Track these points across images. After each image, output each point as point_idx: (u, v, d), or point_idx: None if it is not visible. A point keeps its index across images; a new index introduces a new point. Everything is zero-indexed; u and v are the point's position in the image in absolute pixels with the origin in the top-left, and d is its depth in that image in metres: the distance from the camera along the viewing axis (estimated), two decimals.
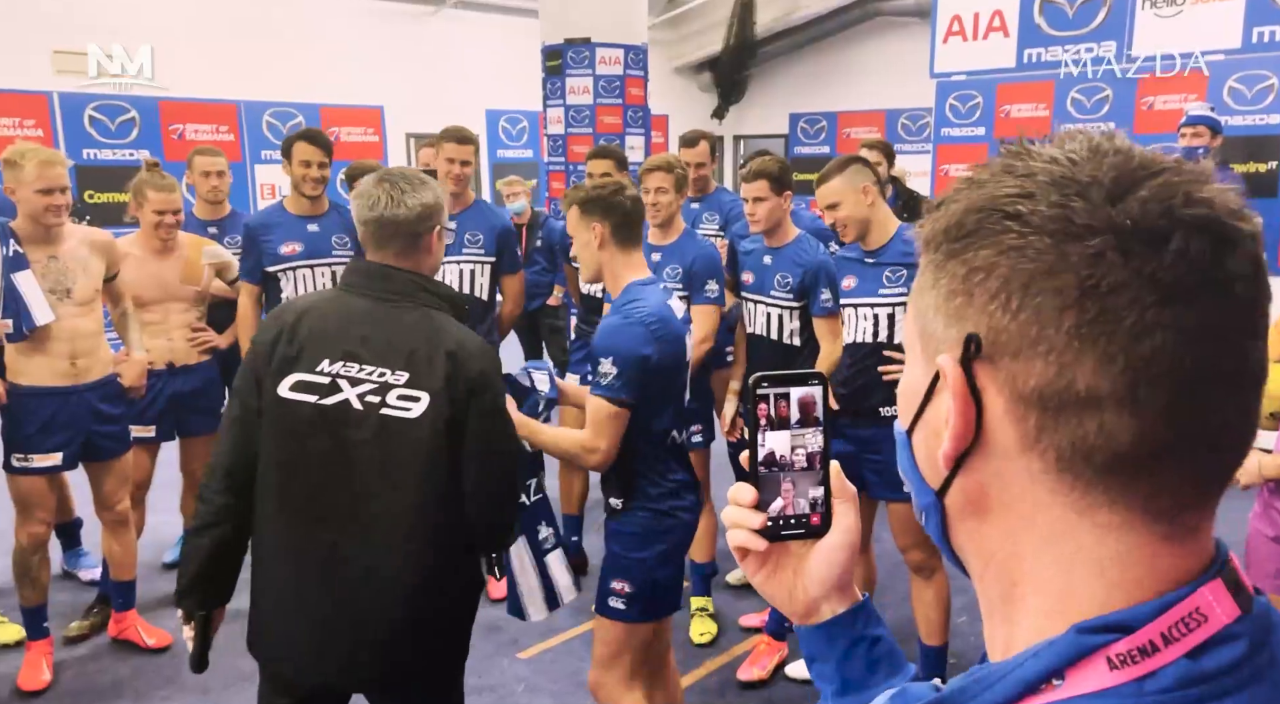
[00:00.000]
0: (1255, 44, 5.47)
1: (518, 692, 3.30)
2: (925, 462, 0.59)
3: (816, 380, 0.77)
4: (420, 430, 1.78)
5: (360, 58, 9.87)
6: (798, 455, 0.77)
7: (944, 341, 0.55)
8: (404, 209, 1.86)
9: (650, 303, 2.28)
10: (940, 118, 6.63)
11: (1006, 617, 0.56)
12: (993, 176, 0.54)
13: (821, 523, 0.78)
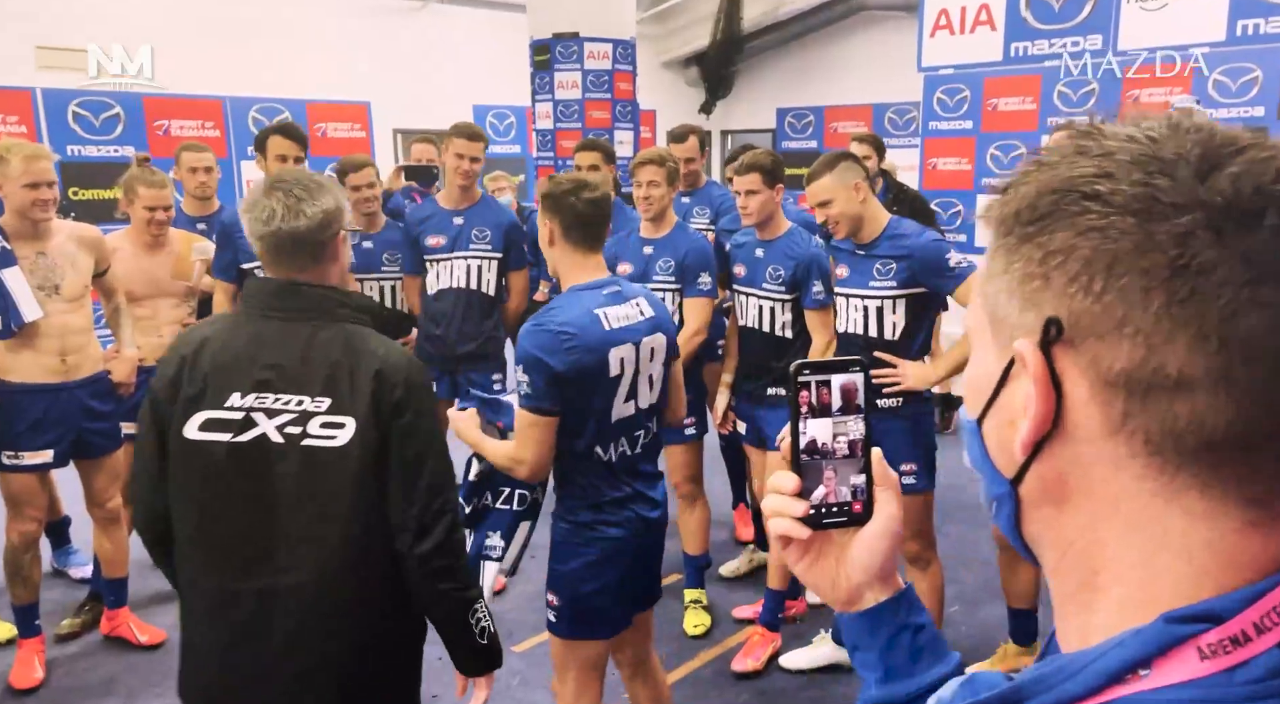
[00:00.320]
0: (1240, 37, 5.51)
1: (513, 685, 3.30)
2: (998, 450, 0.57)
3: (858, 367, 0.76)
4: (348, 459, 1.61)
5: (347, 53, 9.83)
6: (839, 443, 0.76)
7: (1019, 327, 0.53)
8: (304, 219, 1.68)
9: (570, 311, 2.19)
10: (928, 111, 6.65)
11: (1084, 605, 0.54)
12: (1064, 158, 0.52)
13: (864, 511, 0.77)
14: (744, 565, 4.13)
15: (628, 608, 2.38)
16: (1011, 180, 0.55)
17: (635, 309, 2.30)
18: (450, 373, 3.89)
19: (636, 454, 2.34)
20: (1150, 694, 0.48)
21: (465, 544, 1.71)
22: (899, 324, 2.94)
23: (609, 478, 2.29)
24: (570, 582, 2.31)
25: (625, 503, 2.30)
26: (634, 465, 2.34)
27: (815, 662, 3.35)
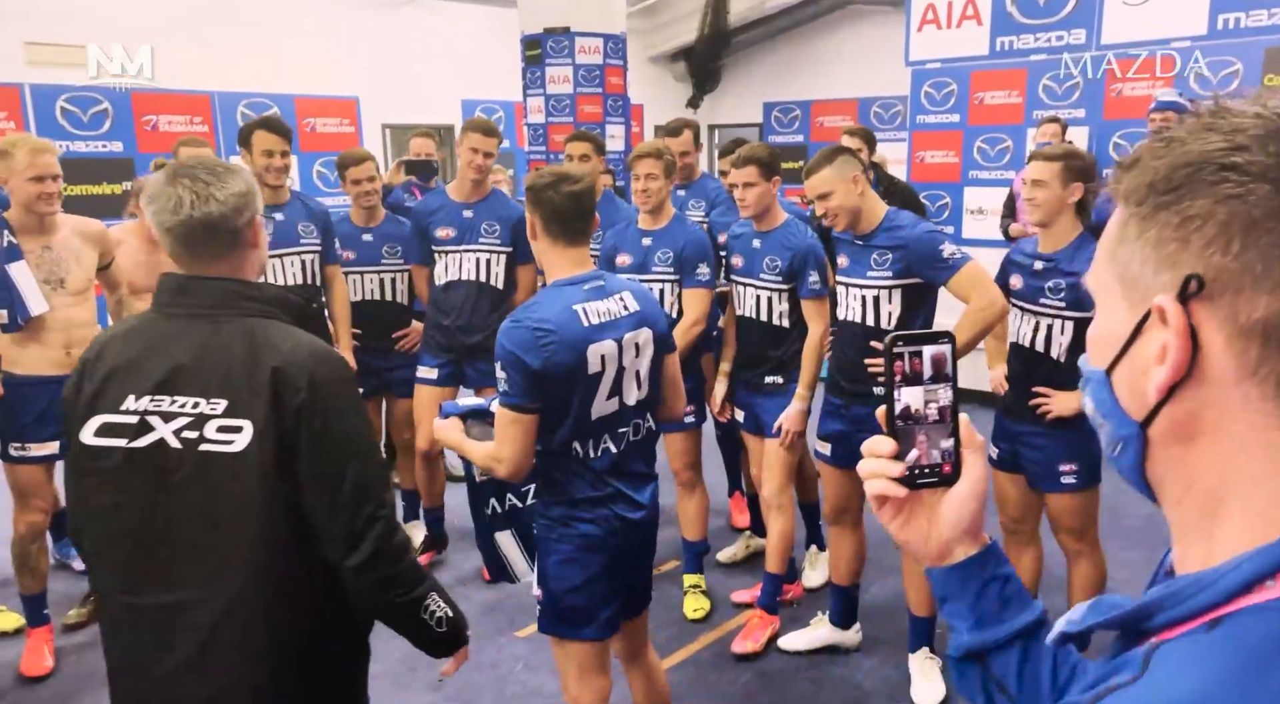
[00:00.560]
0: (1220, 30, 5.61)
1: (517, 669, 3.36)
2: (1130, 395, 0.64)
3: (946, 339, 0.83)
4: (247, 465, 1.49)
5: (335, 48, 9.82)
6: (930, 409, 0.83)
7: (1154, 286, 0.59)
8: (214, 205, 1.56)
9: (548, 308, 2.16)
10: (916, 105, 6.72)
11: (1207, 534, 0.60)
12: (1192, 135, 0.59)
13: (953, 472, 0.84)
14: (741, 551, 4.20)
15: (613, 611, 2.32)
16: (1138, 156, 0.62)
17: (619, 304, 2.26)
18: (458, 363, 3.94)
19: (623, 452, 2.28)
20: (1273, 602, 0.54)
21: (407, 547, 1.60)
22: (894, 313, 3.01)
23: (588, 476, 2.24)
24: (547, 578, 2.29)
25: (603, 502, 2.25)
26: (620, 465, 2.28)
27: (813, 643, 3.43)
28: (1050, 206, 2.87)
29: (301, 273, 3.75)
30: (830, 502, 3.32)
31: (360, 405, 1.64)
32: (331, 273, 3.90)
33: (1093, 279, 0.68)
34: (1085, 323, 3.07)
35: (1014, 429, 3.03)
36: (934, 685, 3.14)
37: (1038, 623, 0.87)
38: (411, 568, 1.61)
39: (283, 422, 1.49)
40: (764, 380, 3.42)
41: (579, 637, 2.29)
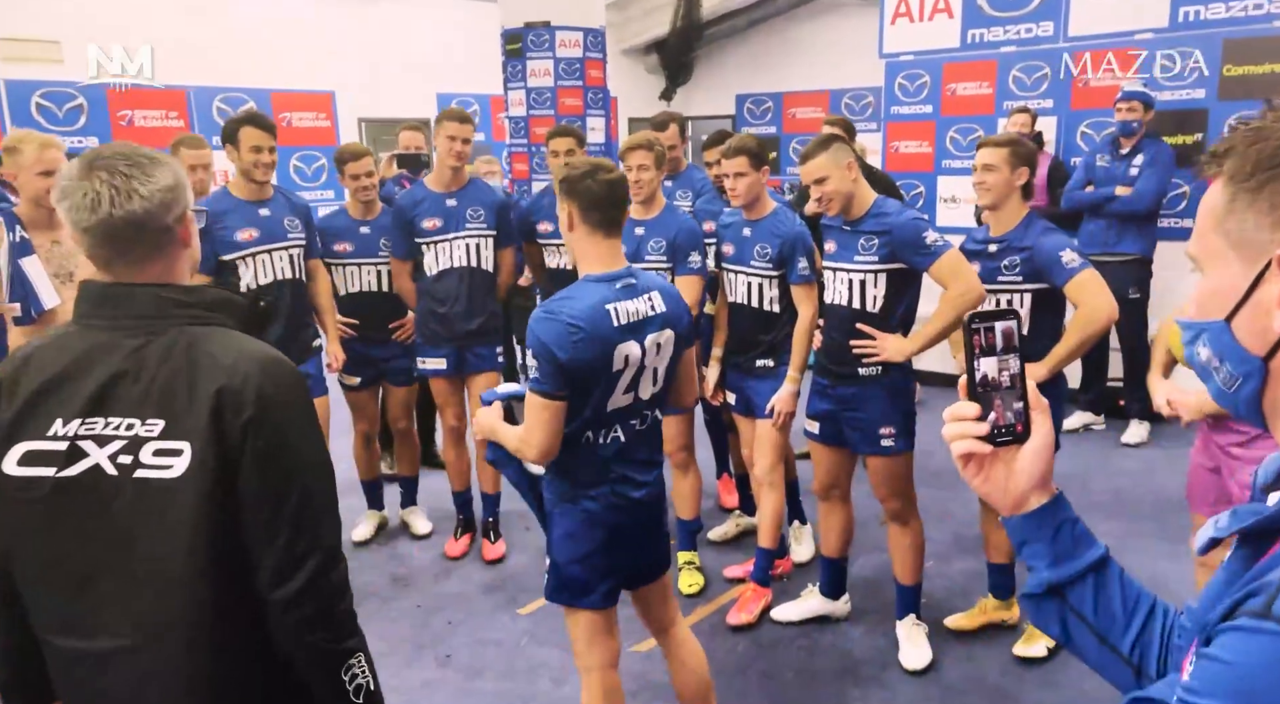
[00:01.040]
0: (1182, 23, 5.81)
1: (523, 643, 3.49)
2: (1251, 336, 0.77)
3: (1013, 315, 0.96)
4: (185, 492, 1.33)
5: (311, 42, 9.82)
6: (1003, 376, 0.95)
7: (1272, 242, 0.74)
8: (139, 201, 1.37)
9: (582, 303, 2.21)
10: (890, 97, 6.89)
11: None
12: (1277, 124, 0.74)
13: (1024, 430, 0.96)
14: (732, 529, 4.35)
15: (612, 585, 2.39)
16: (1232, 144, 0.77)
17: (647, 304, 2.30)
18: (458, 349, 4.04)
19: (631, 441, 2.35)
20: None
21: (346, 588, 1.44)
22: (879, 298, 3.15)
23: (594, 461, 2.31)
24: (554, 548, 2.39)
25: (606, 482, 2.32)
26: (626, 452, 2.35)
27: (804, 614, 3.59)
28: (1000, 190, 3.06)
29: (290, 267, 3.79)
30: (819, 478, 3.46)
31: (313, 417, 1.45)
32: (313, 266, 3.96)
33: (1198, 248, 0.81)
34: (1041, 293, 3.24)
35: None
36: (920, 650, 3.30)
37: (1105, 558, 1.00)
38: (346, 614, 1.44)
39: (225, 441, 1.33)
40: (755, 364, 3.56)
41: (579, 605, 2.39)
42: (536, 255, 4.36)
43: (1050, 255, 2.96)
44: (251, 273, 3.68)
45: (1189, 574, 3.54)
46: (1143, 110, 5.31)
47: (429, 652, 3.44)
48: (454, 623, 3.65)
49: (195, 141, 4.18)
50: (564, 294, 2.28)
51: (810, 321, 3.41)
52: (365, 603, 3.82)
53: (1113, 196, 5.32)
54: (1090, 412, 5.78)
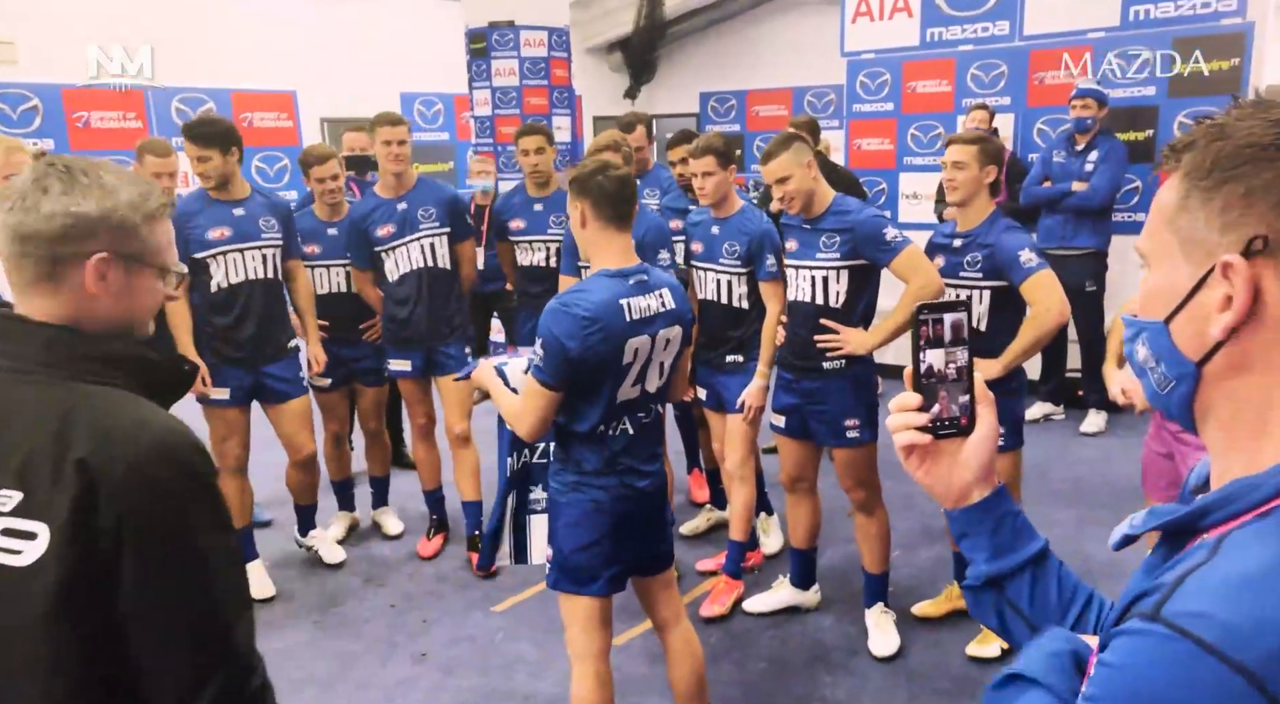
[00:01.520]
0: (1132, 21, 5.96)
1: (498, 639, 3.51)
2: (1188, 340, 0.76)
3: (963, 307, 0.95)
4: (36, 584, 1.08)
5: (271, 41, 9.73)
6: (950, 368, 0.94)
7: (1220, 245, 0.73)
8: (36, 216, 1.17)
9: (596, 297, 2.26)
10: (851, 95, 6.98)
11: (1253, 449, 0.74)
12: (1243, 122, 0.73)
13: (969, 424, 0.95)
14: (703, 524, 4.41)
15: (616, 572, 2.44)
16: (1193, 139, 0.76)
17: (658, 301, 2.37)
18: (424, 351, 4.06)
19: (637, 434, 2.42)
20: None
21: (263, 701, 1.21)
22: (841, 293, 3.22)
23: (602, 454, 2.37)
24: (558, 537, 2.44)
25: (614, 473, 2.38)
26: (632, 444, 2.41)
27: (776, 605, 3.65)
28: (969, 187, 3.12)
29: (263, 266, 3.79)
30: (787, 470, 3.52)
31: (217, 504, 1.20)
32: (293, 266, 3.96)
33: (1147, 244, 0.80)
34: (1000, 291, 3.30)
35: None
36: (889, 637, 3.38)
37: (1044, 551, 1.00)
38: None
39: (94, 530, 1.08)
40: (725, 360, 3.61)
41: (583, 593, 2.43)
42: (508, 254, 4.39)
43: (1010, 254, 3.03)
44: (223, 271, 3.69)
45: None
46: (1096, 107, 5.45)
47: (404, 650, 3.46)
48: (429, 621, 3.67)
49: (160, 148, 4.05)
50: (578, 287, 2.34)
51: (778, 317, 3.47)
52: (339, 604, 3.83)
53: (1069, 192, 5.45)
54: (1050, 402, 5.92)
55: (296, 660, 3.39)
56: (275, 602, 3.85)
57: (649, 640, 3.43)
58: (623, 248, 2.38)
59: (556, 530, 2.46)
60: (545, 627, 3.56)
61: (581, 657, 2.47)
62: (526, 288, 4.36)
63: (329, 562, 4.16)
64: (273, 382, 3.82)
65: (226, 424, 3.80)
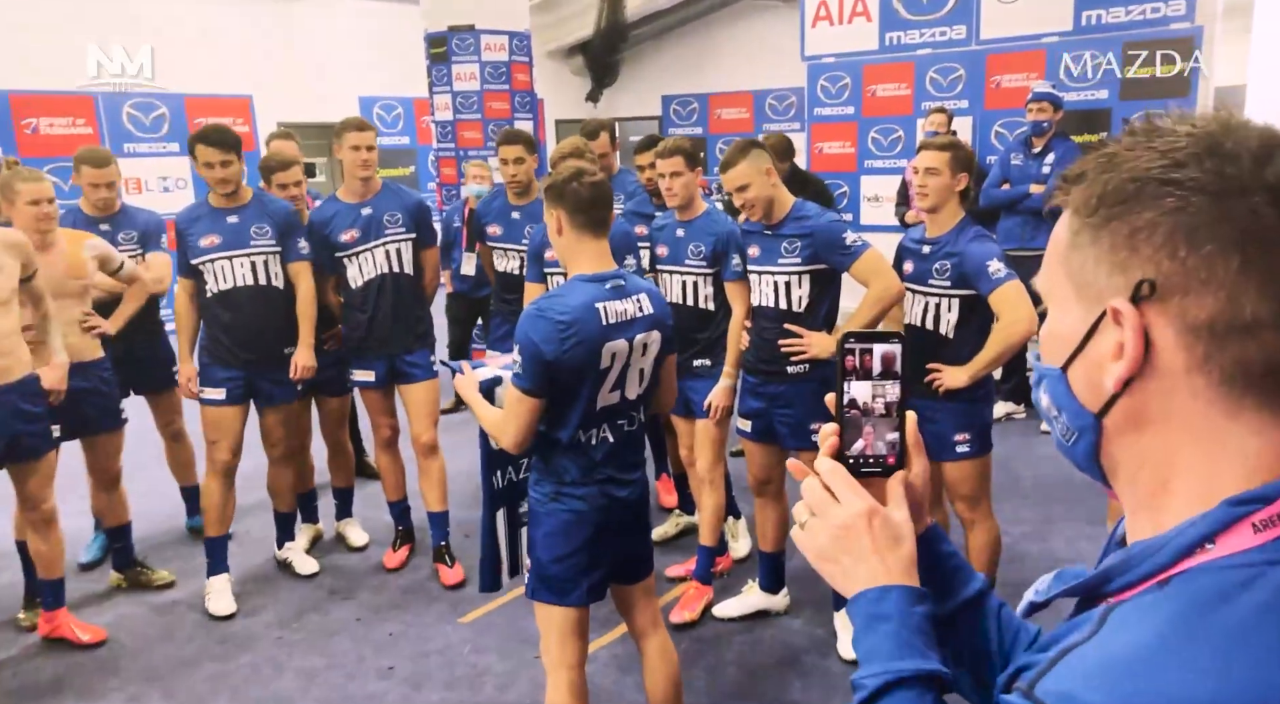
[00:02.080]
0: (1085, 26, 6.08)
1: (465, 651, 3.47)
2: (1086, 390, 0.69)
3: (898, 339, 0.87)
4: None
5: (226, 46, 9.59)
6: (877, 403, 0.87)
7: (1108, 288, 0.65)
8: None
9: (572, 301, 2.25)
10: (812, 98, 7.03)
11: (1157, 507, 0.67)
12: (1133, 151, 0.66)
13: (896, 463, 0.88)
14: (671, 529, 4.40)
15: (595, 581, 2.43)
16: (1084, 170, 0.69)
17: (635, 305, 2.36)
18: (388, 358, 4.01)
19: (618, 442, 2.41)
20: (1214, 562, 0.61)
21: None
22: (804, 298, 3.23)
23: (582, 462, 2.36)
24: (536, 546, 2.42)
25: (594, 483, 2.38)
26: (614, 453, 2.40)
27: (745, 609, 3.65)
28: (940, 194, 3.12)
29: (252, 274, 3.80)
30: (754, 474, 3.53)
31: None
32: (294, 270, 3.89)
33: (1044, 282, 0.74)
34: (968, 300, 3.30)
35: (912, 404, 3.26)
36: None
37: (981, 593, 0.93)
38: None
39: None
40: (693, 364, 3.61)
41: (563, 603, 2.41)
42: (489, 256, 4.39)
43: (978, 264, 3.02)
44: (214, 278, 3.79)
45: None
46: (1052, 110, 5.53)
47: (370, 665, 3.41)
48: (395, 635, 3.62)
49: (97, 158, 4.03)
50: (555, 292, 2.34)
51: (743, 317, 3.47)
52: (304, 617, 3.77)
53: (1027, 194, 5.53)
54: (1011, 401, 6.00)
55: (260, 677, 3.32)
56: (237, 617, 3.77)
57: (617, 649, 3.42)
58: (599, 253, 2.37)
59: (536, 540, 2.44)
60: (513, 637, 3.53)
61: (557, 667, 2.46)
62: (501, 293, 4.34)
63: (301, 573, 4.11)
64: (269, 385, 3.92)
65: (214, 425, 3.85)
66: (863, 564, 0.83)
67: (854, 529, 0.83)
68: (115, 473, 3.94)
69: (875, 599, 0.82)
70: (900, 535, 0.84)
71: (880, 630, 0.81)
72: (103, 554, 4.27)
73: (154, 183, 9.17)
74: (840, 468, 0.86)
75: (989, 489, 3.32)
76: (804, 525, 0.86)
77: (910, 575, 0.84)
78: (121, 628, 3.69)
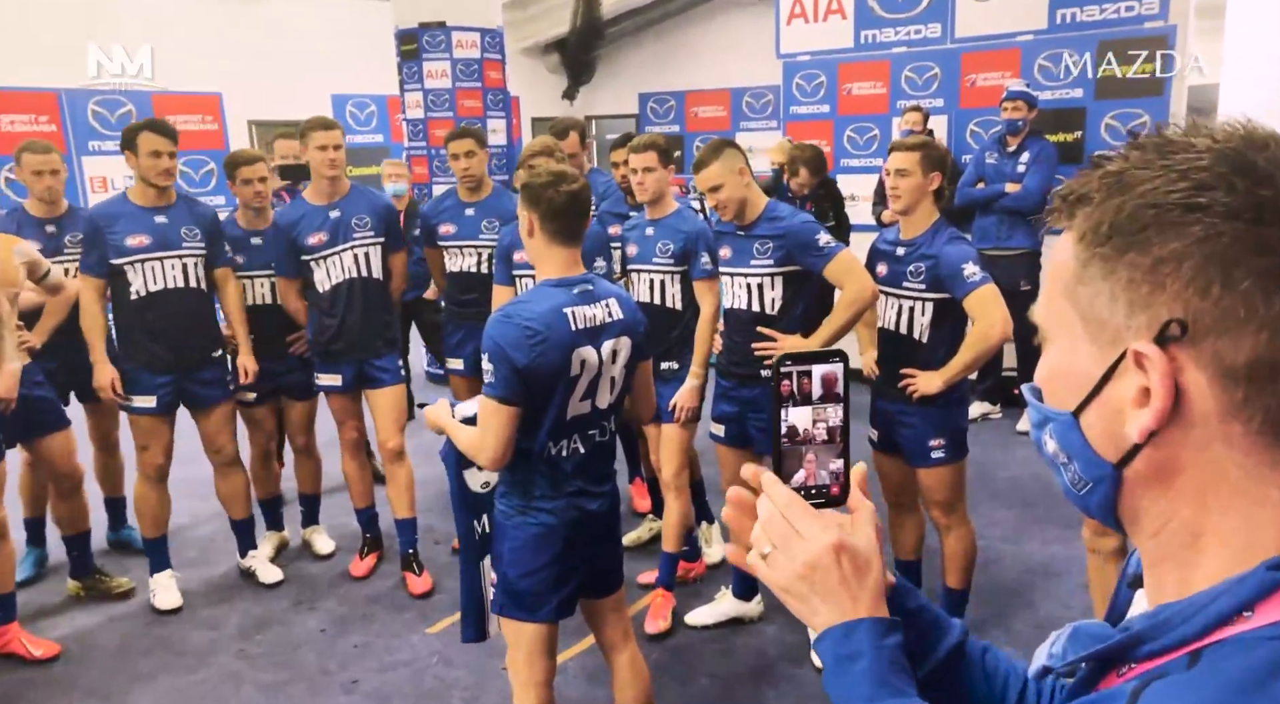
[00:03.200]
0: (1059, 25, 6.05)
1: (432, 663, 3.39)
2: (1102, 438, 0.61)
3: (838, 358, 0.80)
4: None
5: (195, 42, 9.43)
6: (819, 429, 0.80)
7: (1127, 328, 0.58)
8: None
9: (540, 306, 2.21)
10: (788, 96, 6.98)
11: (1184, 563, 0.60)
12: (1145, 170, 0.58)
13: (841, 493, 0.81)
14: (645, 534, 4.34)
15: (565, 596, 2.38)
16: (1086, 190, 0.61)
17: (604, 311, 2.31)
18: (355, 363, 3.91)
19: (589, 453, 2.35)
20: (1252, 633, 0.54)
21: None
22: (777, 300, 3.19)
23: (551, 475, 2.30)
24: (503, 562, 2.36)
25: (564, 496, 2.32)
26: (584, 465, 2.35)
27: (718, 616, 3.59)
28: (912, 195, 3.06)
29: (182, 275, 3.70)
30: (726, 479, 3.48)
31: None
32: (222, 275, 3.85)
33: (1044, 314, 0.66)
34: (942, 303, 3.23)
35: (887, 409, 3.24)
36: None
37: (961, 642, 0.86)
38: None
39: None
40: (660, 367, 3.54)
41: (531, 619, 2.35)
42: (437, 259, 4.27)
43: (953, 267, 2.96)
44: (141, 279, 3.64)
45: (1080, 556, 3.68)
46: (1026, 109, 5.50)
47: (335, 678, 3.32)
48: (360, 646, 3.53)
49: (39, 145, 4.01)
50: (521, 298, 2.30)
51: (712, 317, 3.41)
52: (266, 629, 3.67)
53: (1003, 193, 5.51)
54: (987, 401, 5.98)
55: (219, 693, 3.23)
56: (196, 629, 3.67)
57: (585, 661, 3.35)
58: (568, 259, 2.32)
59: (503, 555, 2.36)
60: (481, 649, 3.40)
61: (525, 684, 2.40)
62: (456, 296, 4.24)
63: (265, 582, 4.01)
64: (197, 387, 3.79)
65: (146, 432, 3.73)
66: (830, 600, 0.77)
67: (821, 567, 0.77)
68: (75, 477, 3.82)
69: (842, 637, 0.77)
70: (868, 564, 0.78)
71: (853, 671, 0.75)
72: (37, 571, 4.14)
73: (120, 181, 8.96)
74: (797, 497, 0.79)
75: (964, 494, 3.28)
76: (766, 557, 0.80)
77: (879, 605, 0.78)
78: (76, 642, 3.59)
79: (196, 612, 3.81)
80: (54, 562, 4.22)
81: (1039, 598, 3.72)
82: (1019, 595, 3.74)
